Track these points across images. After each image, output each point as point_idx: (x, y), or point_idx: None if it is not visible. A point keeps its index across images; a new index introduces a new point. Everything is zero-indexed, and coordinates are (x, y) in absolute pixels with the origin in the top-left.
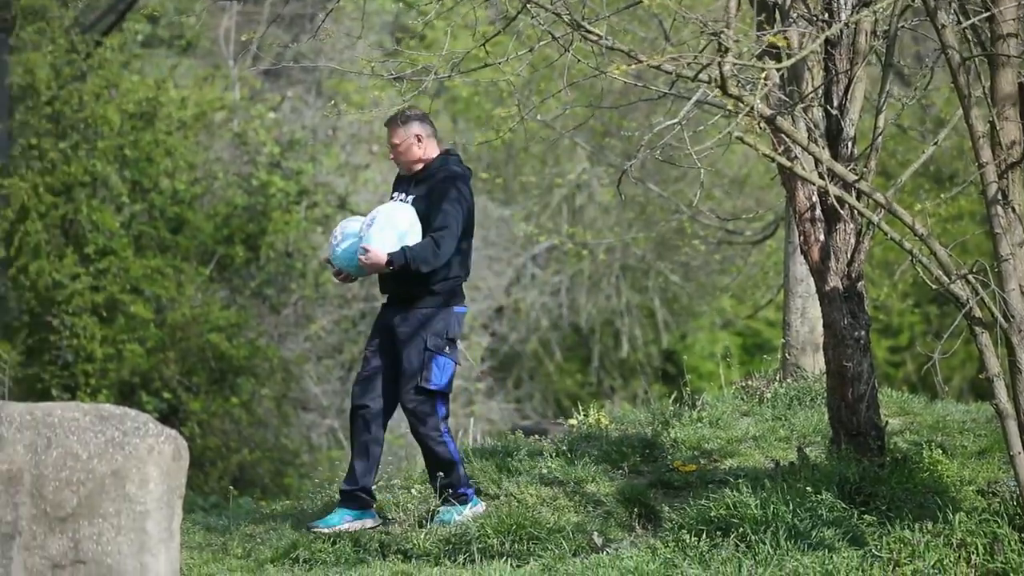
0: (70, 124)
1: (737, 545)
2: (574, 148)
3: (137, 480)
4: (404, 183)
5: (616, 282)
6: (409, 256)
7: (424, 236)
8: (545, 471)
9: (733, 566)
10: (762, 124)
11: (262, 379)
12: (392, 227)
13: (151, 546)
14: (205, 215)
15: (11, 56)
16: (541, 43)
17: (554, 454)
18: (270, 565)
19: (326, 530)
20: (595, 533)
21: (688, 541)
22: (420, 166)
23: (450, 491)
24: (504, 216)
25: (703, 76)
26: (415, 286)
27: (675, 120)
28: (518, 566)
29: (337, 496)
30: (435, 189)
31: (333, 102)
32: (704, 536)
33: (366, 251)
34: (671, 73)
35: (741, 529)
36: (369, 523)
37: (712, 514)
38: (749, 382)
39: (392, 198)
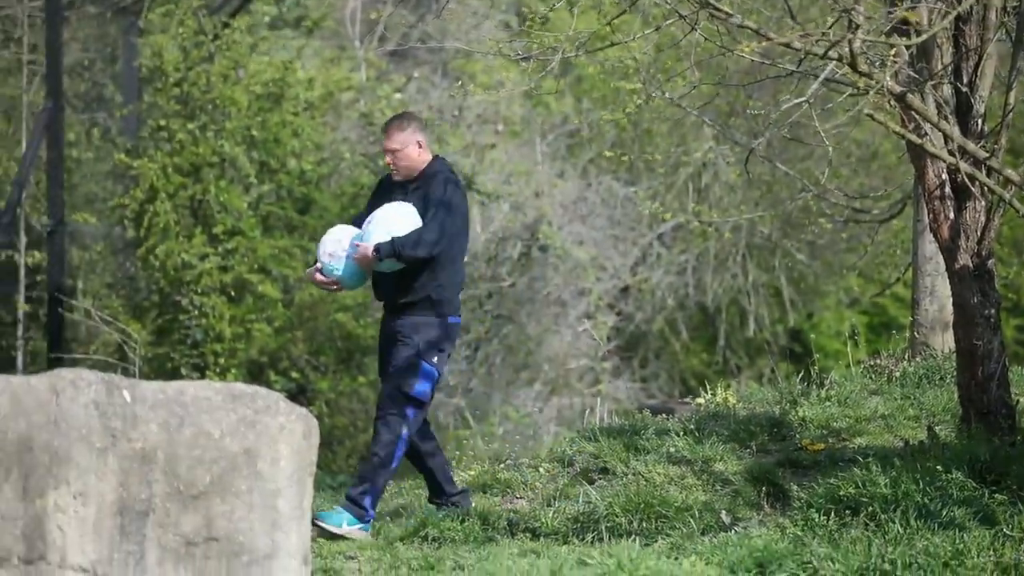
0: (198, 105)
1: (866, 524)
2: (700, 127)
3: (269, 458)
4: (398, 189)
5: (742, 261)
6: (396, 243)
7: None
8: (673, 450)
9: (863, 545)
10: (892, 101)
11: None
12: (386, 226)
13: (282, 524)
14: (332, 195)
15: (140, 39)
16: (668, 22)
17: (682, 433)
18: (399, 543)
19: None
20: (723, 512)
21: (817, 520)
22: (416, 172)
23: (360, 490)
24: (629, 195)
25: (832, 53)
26: (409, 294)
27: (803, 98)
28: (646, 544)
29: (466, 477)
30: (432, 191)
31: (460, 82)
32: (833, 515)
33: (357, 247)
34: (800, 51)
35: (870, 508)
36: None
37: (841, 493)
38: (877, 361)
39: (383, 200)
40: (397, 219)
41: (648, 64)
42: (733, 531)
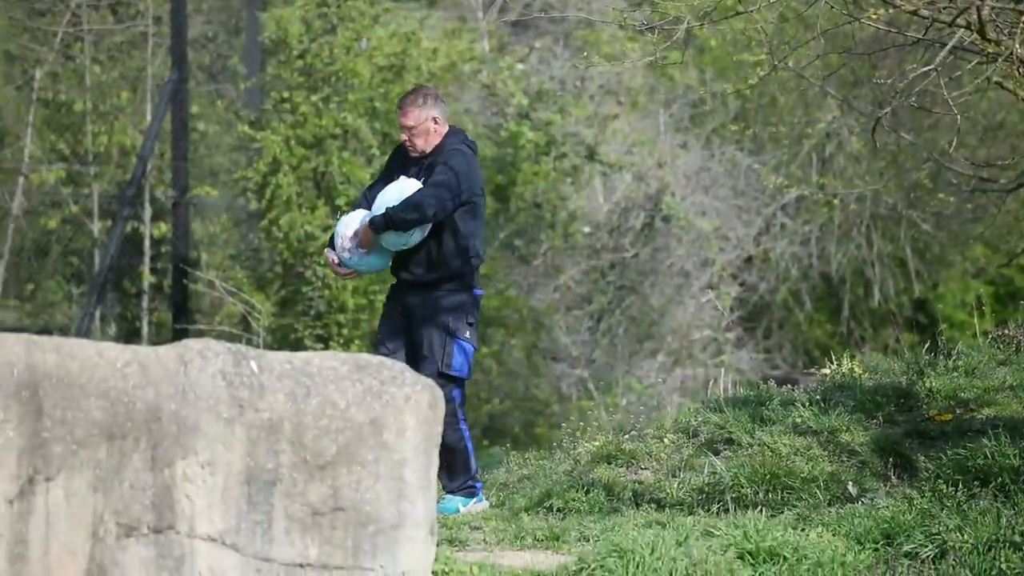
0: (321, 77)
1: (996, 495)
2: (824, 97)
3: (395, 429)
4: (412, 163)
5: (866, 231)
6: (389, 210)
7: None
8: (798, 420)
9: (991, 517)
10: (1021, 69)
11: (512, 329)
12: (384, 204)
13: (409, 494)
14: None
15: (263, 11)
16: None
17: (807, 403)
18: (524, 514)
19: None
20: (850, 483)
21: (945, 491)
22: (431, 147)
23: (459, 481)
24: (753, 166)
25: (960, 21)
26: (433, 270)
27: (930, 67)
28: (772, 516)
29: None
30: (437, 161)
31: (585, 53)
32: (961, 486)
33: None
34: (927, 18)
35: (1000, 479)
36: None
37: (969, 464)
38: (1004, 331)
39: (398, 175)
40: (391, 197)
41: (772, 34)
42: (860, 502)
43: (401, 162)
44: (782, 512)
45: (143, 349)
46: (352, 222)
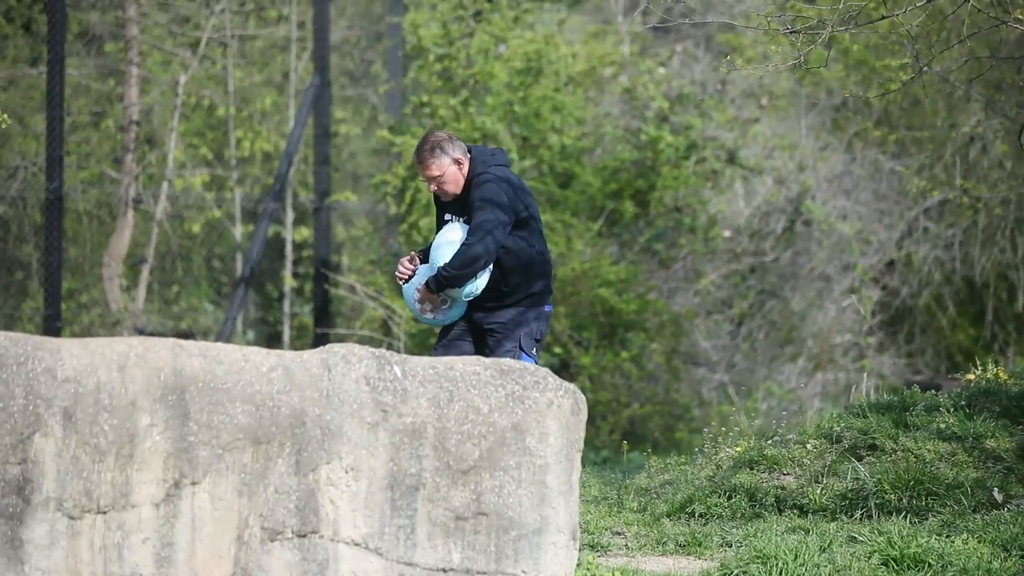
0: (460, 81)
1: None
2: (968, 100)
3: (537, 434)
4: (456, 201)
5: (1011, 235)
6: (442, 274)
7: None
8: (942, 426)
9: None
10: None
11: (652, 334)
12: (441, 257)
13: (551, 499)
14: (593, 169)
15: (403, 15)
16: None
17: (951, 409)
18: (666, 519)
19: None
20: (995, 489)
21: None
22: (462, 187)
23: None
24: (896, 169)
25: None
26: (505, 291)
27: None
28: (916, 522)
29: (732, 453)
30: (471, 198)
31: (728, 57)
32: None
33: (418, 292)
34: None
35: None
36: None
37: None
38: None
39: (446, 219)
40: (449, 247)
41: (916, 37)
42: (1006, 509)
43: (444, 204)
44: (926, 518)
45: (288, 354)
46: (416, 283)
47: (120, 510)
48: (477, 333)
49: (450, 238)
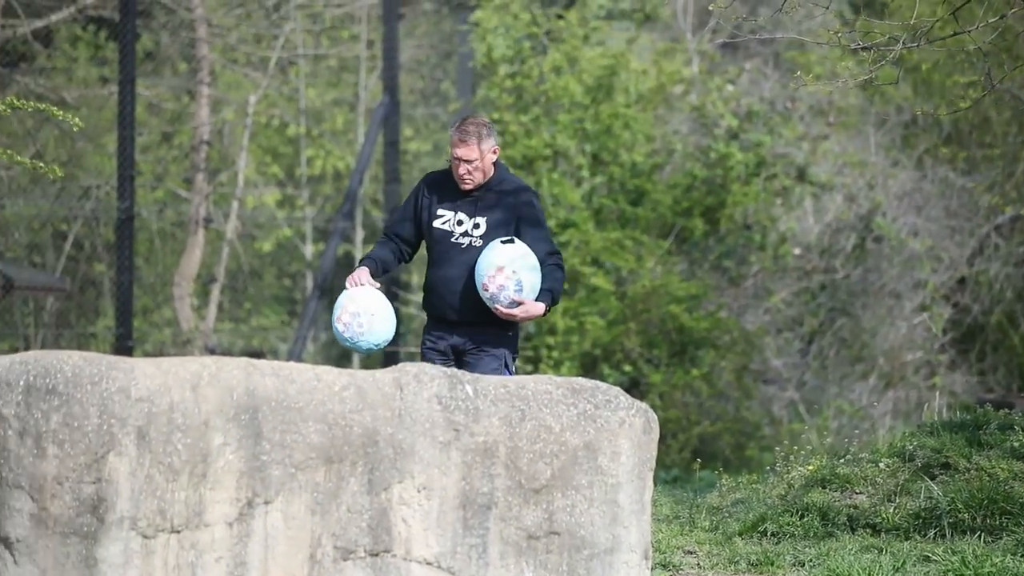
0: (532, 98)
1: None
2: None
3: (609, 453)
4: (460, 197)
5: None
6: (555, 295)
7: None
8: (1016, 444)
9: None
10: None
11: (722, 351)
12: (530, 268)
13: (623, 518)
14: (664, 187)
15: (474, 33)
16: (1012, 11)
17: None
18: (738, 538)
19: None
20: None
21: None
22: (484, 182)
23: None
24: (966, 186)
25: None
26: (484, 305)
27: None
28: (991, 541)
29: (804, 471)
30: (519, 205)
31: (798, 73)
32: None
33: (518, 304)
34: None
35: None
36: None
37: None
38: None
39: (439, 215)
40: (530, 257)
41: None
42: None
43: (438, 194)
44: (1001, 538)
45: (360, 373)
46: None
47: (193, 529)
48: (458, 358)
49: (533, 259)
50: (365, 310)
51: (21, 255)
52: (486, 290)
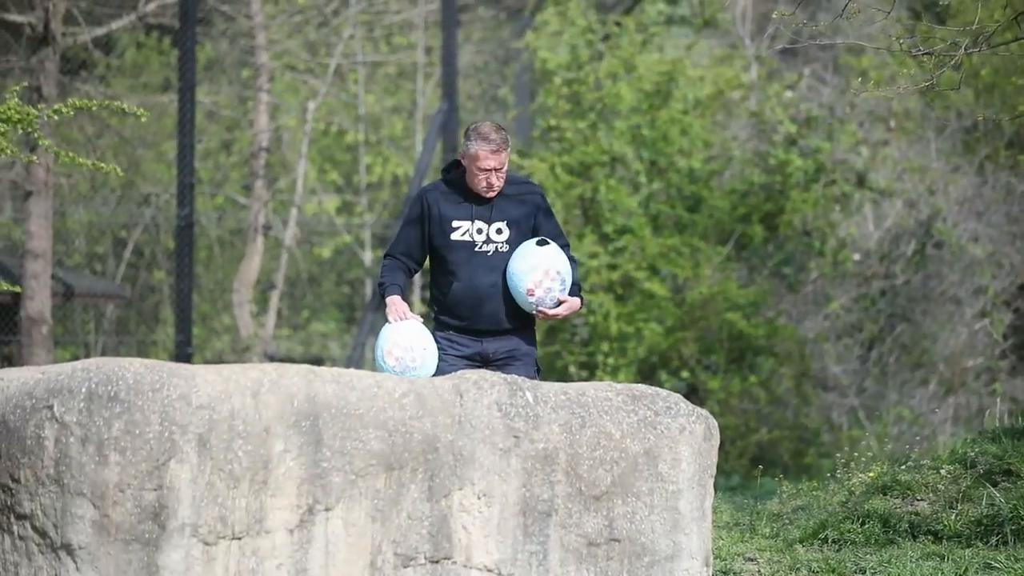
0: (588, 105)
1: None
2: None
3: (669, 459)
4: (468, 207)
5: None
6: (579, 287)
7: None
8: None
9: None
10: None
11: (781, 358)
12: (566, 265)
13: (684, 525)
14: (721, 193)
15: (533, 39)
16: None
17: None
18: (799, 545)
19: None
20: None
21: None
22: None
23: None
24: None
25: None
26: (520, 314)
27: None
28: None
29: (865, 478)
30: (532, 202)
31: (859, 80)
32: None
33: (561, 303)
34: None
35: None
36: None
37: None
38: None
39: (455, 226)
40: (560, 252)
41: None
42: None
43: (446, 207)
44: None
45: (420, 380)
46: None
47: (254, 536)
48: (486, 364)
49: (564, 256)
50: (417, 344)
51: (82, 263)
52: (531, 295)
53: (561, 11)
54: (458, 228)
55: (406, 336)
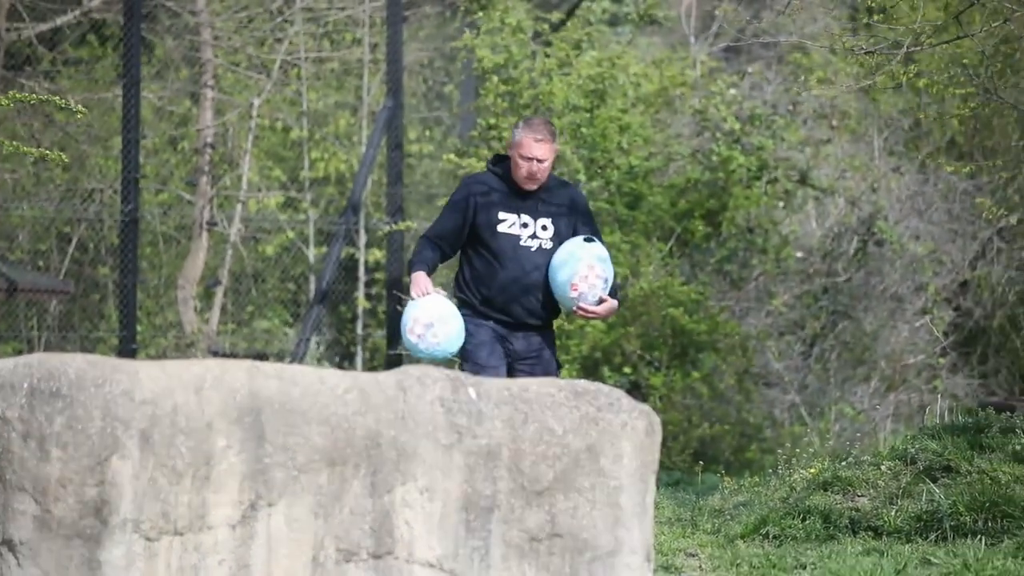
0: (524, 103)
1: None
2: None
3: (611, 455)
4: (515, 201)
5: None
6: (617, 290)
7: None
8: (1018, 447)
9: None
10: None
11: (723, 354)
12: (609, 265)
13: (625, 520)
14: (663, 190)
15: (470, 38)
16: (1016, 13)
17: None
18: (740, 540)
19: None
20: None
21: None
22: None
23: None
24: (968, 189)
25: None
26: (552, 309)
27: None
28: (992, 544)
29: (806, 474)
30: (575, 203)
31: (803, 78)
32: None
33: (602, 301)
34: None
35: None
36: None
37: None
38: None
39: (501, 218)
40: (605, 252)
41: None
42: None
43: (493, 198)
44: (1002, 541)
45: (363, 375)
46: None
47: (197, 532)
48: (513, 358)
49: (599, 248)
50: (439, 319)
51: (25, 258)
52: (575, 290)
53: (497, 11)
54: (504, 220)
55: (427, 312)
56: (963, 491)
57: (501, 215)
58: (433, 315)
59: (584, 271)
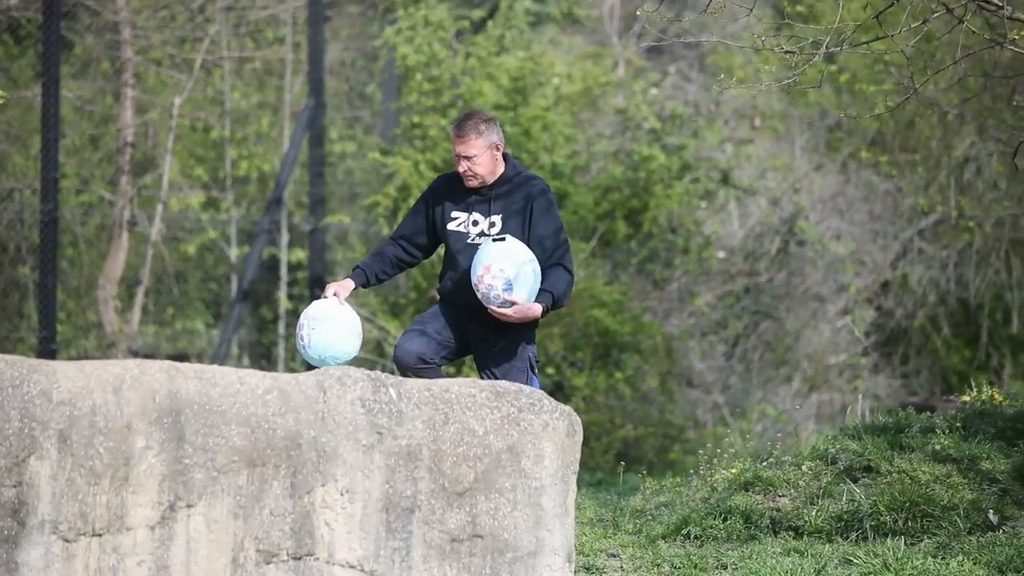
0: (448, 101)
1: None
2: (961, 123)
3: (532, 456)
4: (471, 196)
5: (1005, 257)
6: (556, 298)
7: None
8: (938, 448)
9: None
10: None
11: (646, 355)
12: (527, 267)
13: (546, 521)
14: (586, 190)
15: (391, 36)
16: (935, 15)
17: (947, 431)
18: (661, 541)
19: None
20: (991, 511)
21: None
22: (494, 178)
23: None
24: (889, 189)
25: None
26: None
27: None
28: (912, 544)
29: (728, 475)
30: (531, 204)
31: (722, 76)
32: None
33: (511, 304)
34: None
35: None
36: None
37: None
38: None
39: (453, 216)
40: (521, 252)
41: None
42: (1001, 530)
43: (449, 196)
44: (922, 540)
45: (283, 376)
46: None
47: (115, 533)
48: (477, 345)
49: (526, 255)
50: (314, 319)
51: None
52: (477, 290)
53: (419, 9)
54: (456, 219)
55: (308, 312)
56: (883, 491)
57: (453, 213)
58: (311, 315)
59: (481, 271)
